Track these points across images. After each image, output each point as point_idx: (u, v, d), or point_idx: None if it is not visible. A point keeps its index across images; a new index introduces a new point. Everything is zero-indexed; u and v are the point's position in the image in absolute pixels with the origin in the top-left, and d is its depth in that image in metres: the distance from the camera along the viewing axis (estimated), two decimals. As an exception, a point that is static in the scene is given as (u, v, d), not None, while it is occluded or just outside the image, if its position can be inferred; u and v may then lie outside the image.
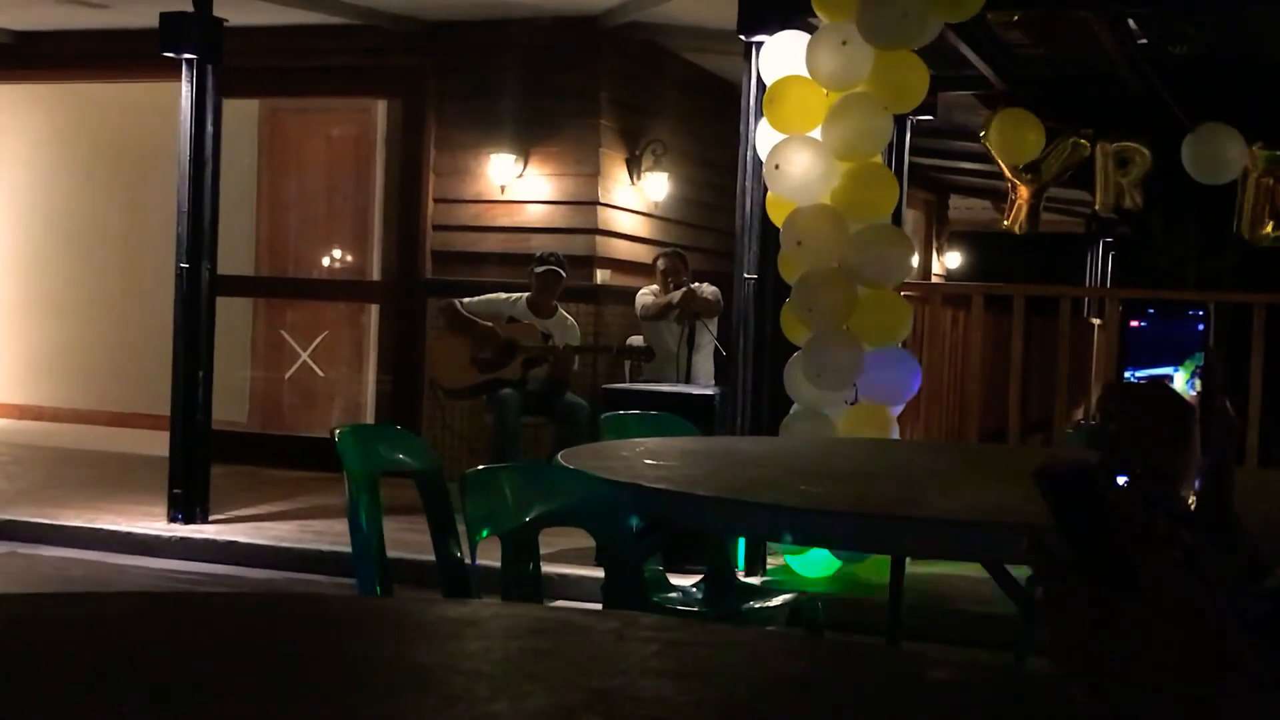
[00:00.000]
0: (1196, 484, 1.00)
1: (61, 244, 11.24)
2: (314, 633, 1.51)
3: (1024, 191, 7.73)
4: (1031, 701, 1.36)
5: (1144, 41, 7.62)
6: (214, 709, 1.22)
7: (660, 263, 7.88)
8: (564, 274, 7.57)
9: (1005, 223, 8.17)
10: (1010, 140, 7.24)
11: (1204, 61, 7.91)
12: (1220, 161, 6.57)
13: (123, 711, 1.20)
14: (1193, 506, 1.01)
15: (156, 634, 1.48)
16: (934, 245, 15.05)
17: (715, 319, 7.77)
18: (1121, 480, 1.03)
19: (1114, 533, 0.85)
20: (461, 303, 7.58)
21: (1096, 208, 8.18)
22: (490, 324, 7.41)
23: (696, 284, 7.75)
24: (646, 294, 7.92)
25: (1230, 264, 7.28)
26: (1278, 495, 3.06)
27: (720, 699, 1.32)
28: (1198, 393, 1.03)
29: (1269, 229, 7.10)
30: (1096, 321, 11.23)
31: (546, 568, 3.49)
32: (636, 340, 8.02)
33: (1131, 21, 7.29)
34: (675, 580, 3.97)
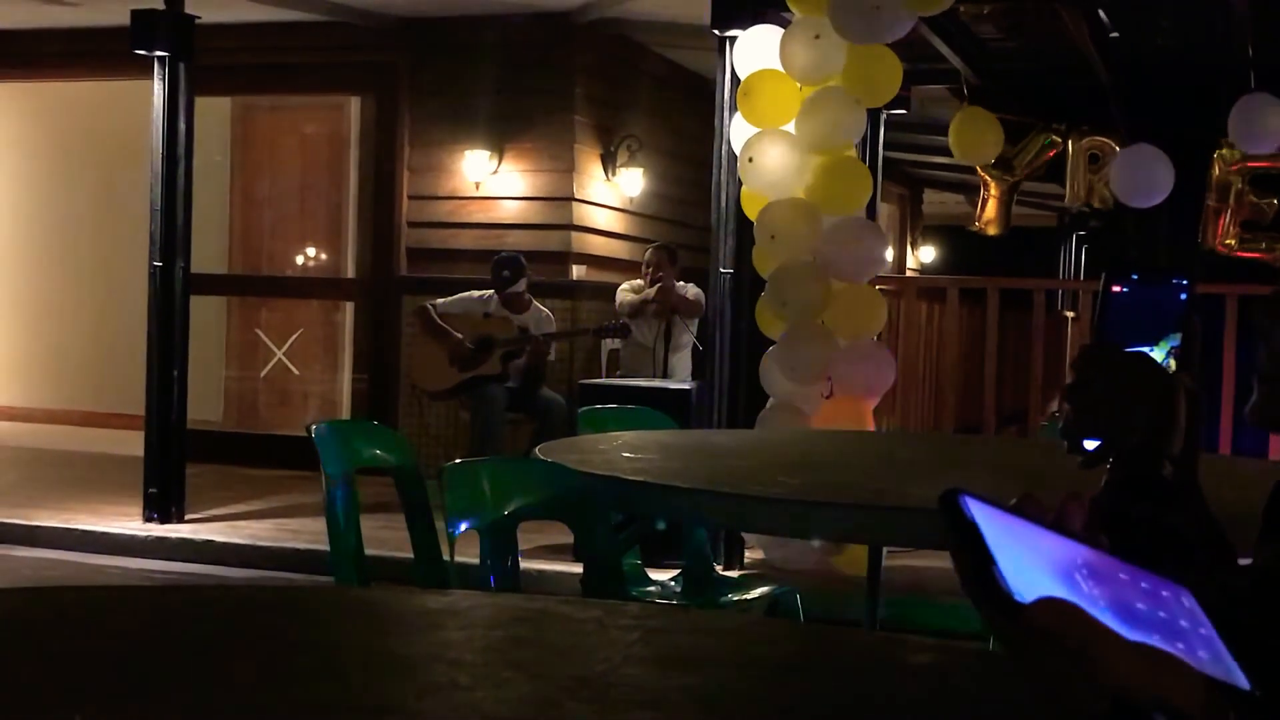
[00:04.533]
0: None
1: (33, 244, 11.17)
2: (295, 623, 1.51)
3: (996, 189, 7.75)
4: (1011, 685, 1.36)
5: (1116, 35, 7.65)
6: (195, 699, 1.22)
7: (647, 255, 7.87)
8: (525, 281, 7.57)
9: (976, 225, 8.17)
10: (970, 141, 7.24)
11: (1177, 56, 7.95)
12: (1265, 131, 6.59)
13: (104, 704, 1.19)
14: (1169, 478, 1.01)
15: (137, 627, 1.48)
16: (908, 239, 15.09)
17: (695, 319, 7.75)
18: (1093, 444, 1.03)
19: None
20: (434, 305, 7.56)
21: (1066, 202, 8.21)
22: (460, 335, 7.39)
23: (681, 283, 7.74)
24: (626, 290, 7.91)
25: (1202, 256, 7.32)
26: (1249, 484, 3.08)
27: (703, 685, 1.32)
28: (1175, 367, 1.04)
29: (1233, 239, 7.12)
30: (1070, 314, 11.28)
31: (524, 564, 3.49)
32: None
33: (1103, 15, 7.31)
34: (653, 575, 3.97)
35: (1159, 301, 1.06)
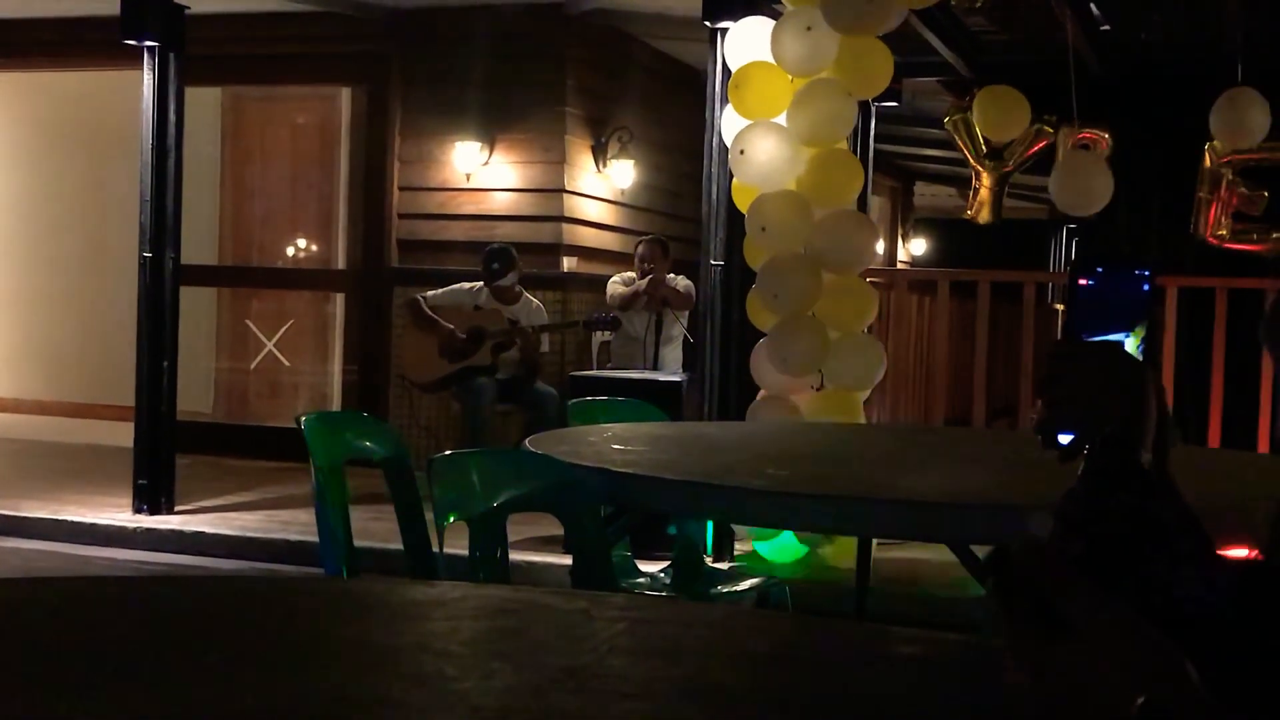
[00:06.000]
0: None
1: (23, 234, 11.14)
2: (283, 615, 1.50)
3: (987, 179, 7.74)
4: (999, 676, 1.36)
5: (1107, 28, 7.65)
6: (183, 688, 1.22)
7: (638, 249, 7.86)
8: (516, 273, 7.57)
9: (968, 213, 8.17)
10: (994, 117, 7.19)
11: (1167, 48, 7.95)
12: (1247, 127, 6.56)
13: (90, 692, 1.19)
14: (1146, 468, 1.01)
15: (124, 615, 1.47)
16: (899, 231, 15.10)
17: (686, 311, 7.74)
18: (1067, 438, 1.03)
19: (1036, 588, 0.83)
20: (424, 297, 7.55)
21: None
22: (451, 326, 7.38)
23: (672, 275, 7.74)
24: (617, 282, 7.90)
25: (1192, 248, 7.33)
26: (1237, 475, 3.09)
27: (689, 676, 1.32)
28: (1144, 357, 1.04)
29: (1225, 230, 7.12)
30: (1060, 307, 11.30)
31: (513, 556, 3.49)
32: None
33: (1095, 8, 7.31)
34: (643, 566, 3.97)
35: (1125, 293, 1.06)
